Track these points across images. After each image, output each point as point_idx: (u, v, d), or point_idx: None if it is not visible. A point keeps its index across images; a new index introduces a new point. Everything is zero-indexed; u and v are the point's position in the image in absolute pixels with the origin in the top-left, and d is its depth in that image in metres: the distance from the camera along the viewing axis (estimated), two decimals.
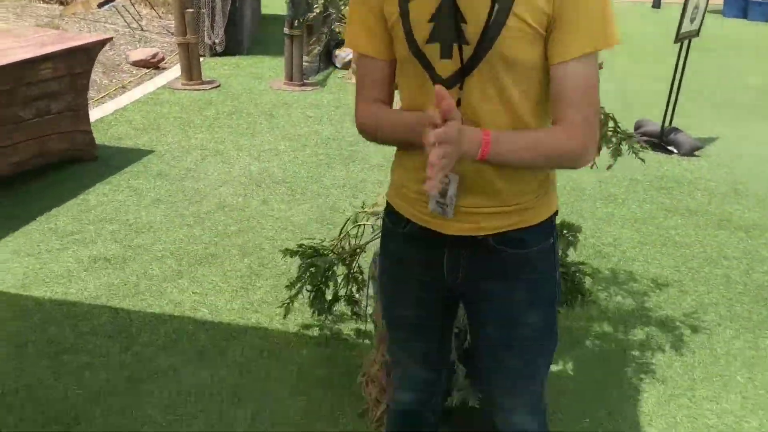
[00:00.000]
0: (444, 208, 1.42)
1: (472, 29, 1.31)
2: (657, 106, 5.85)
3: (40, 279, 3.27)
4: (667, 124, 5.72)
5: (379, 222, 2.62)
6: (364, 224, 2.67)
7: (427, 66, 1.37)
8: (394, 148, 1.57)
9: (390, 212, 1.60)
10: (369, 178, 4.71)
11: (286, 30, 6.82)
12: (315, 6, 4.41)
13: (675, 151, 5.54)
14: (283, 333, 2.96)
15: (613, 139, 2.51)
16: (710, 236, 4.10)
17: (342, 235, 2.72)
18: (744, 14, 13.78)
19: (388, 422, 1.97)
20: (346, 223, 2.74)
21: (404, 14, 1.36)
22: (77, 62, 4.43)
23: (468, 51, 1.33)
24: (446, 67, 1.35)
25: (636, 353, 2.94)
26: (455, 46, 1.33)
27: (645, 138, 5.60)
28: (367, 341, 2.90)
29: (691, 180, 5.01)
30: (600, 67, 1.38)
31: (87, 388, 2.57)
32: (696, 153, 5.56)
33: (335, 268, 2.67)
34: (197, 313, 3.07)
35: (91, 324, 2.95)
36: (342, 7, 7.53)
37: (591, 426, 2.52)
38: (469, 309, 1.63)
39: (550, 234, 1.53)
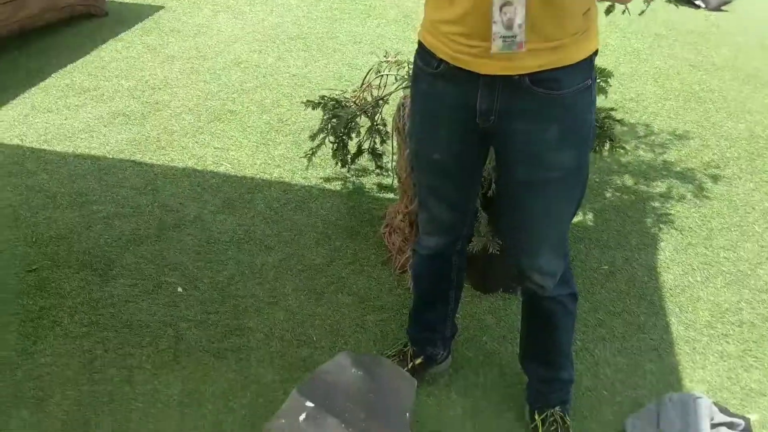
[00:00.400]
0: (512, 41, 1.34)
1: None
2: None
3: (62, 134, 3.28)
4: None
5: (403, 72, 2.58)
6: (387, 74, 2.63)
7: None
8: (411, 6, 1.51)
9: (422, 52, 1.56)
10: (386, 33, 4.58)
11: None
12: None
13: (702, 5, 5.34)
14: (306, 186, 2.99)
15: None
16: (735, 91, 4.03)
17: (364, 87, 2.68)
18: None
19: (414, 266, 2.02)
20: (368, 73, 2.70)
21: None
22: None
23: None
24: None
25: (656, 204, 2.97)
26: None
27: None
28: (389, 194, 2.93)
29: (718, 35, 4.86)
30: None
31: (117, 236, 2.64)
32: (724, 7, 5.35)
33: (358, 119, 2.65)
34: (220, 167, 3.09)
35: (117, 177, 2.99)
36: None
37: (608, 272, 2.58)
38: (500, 151, 1.62)
39: (588, 74, 1.49)
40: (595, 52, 1.50)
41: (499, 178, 1.71)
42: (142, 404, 1.97)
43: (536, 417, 1.89)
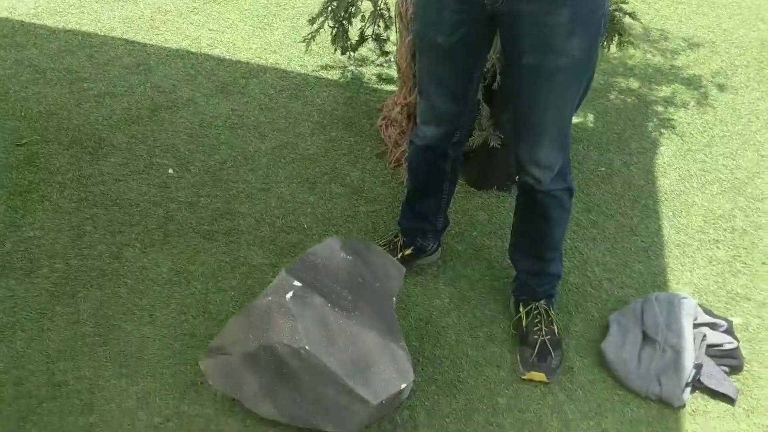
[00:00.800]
0: None
1: None
2: None
3: (52, 8, 3.17)
4: None
5: None
6: None
7: None
8: None
9: None
10: None
11: None
12: None
13: None
14: (303, 74, 2.92)
15: None
16: None
17: None
18: None
19: (410, 157, 1.98)
20: None
21: None
22: None
23: None
24: None
25: (659, 108, 2.91)
26: None
27: None
28: (389, 86, 2.87)
29: None
30: None
31: (108, 115, 2.59)
32: None
33: (360, 3, 2.55)
34: (215, 50, 3.01)
35: (108, 55, 2.91)
36: None
37: (605, 174, 2.56)
38: (507, 35, 1.56)
39: None
40: None
41: (505, 65, 1.66)
42: (131, 280, 1.98)
43: (521, 309, 1.90)
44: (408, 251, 2.03)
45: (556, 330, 1.86)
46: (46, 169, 2.32)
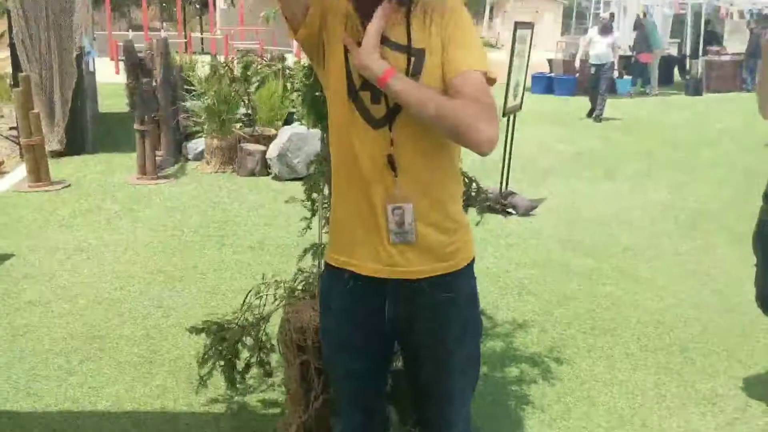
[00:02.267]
0: (405, 236, 1.65)
1: None
2: (492, 173, 6.50)
3: None
4: (504, 188, 6.39)
5: (281, 291, 2.84)
6: (266, 294, 2.86)
7: (361, 107, 1.63)
8: (263, 233, 1.79)
9: (331, 272, 1.79)
10: (243, 259, 4.86)
11: (136, 126, 6.89)
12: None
13: (514, 212, 6.18)
14: (190, 413, 3.03)
15: (478, 199, 2.91)
16: (557, 282, 4.64)
17: (245, 308, 2.89)
18: (550, 90, 15.48)
19: None
20: (248, 294, 2.91)
21: (346, 59, 1.63)
22: None
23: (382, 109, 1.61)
24: (377, 110, 1.62)
25: (515, 388, 3.30)
26: (382, 95, 1.60)
27: (487, 203, 6.21)
28: (275, 409, 3.04)
29: (531, 236, 5.62)
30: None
31: None
32: (532, 212, 6.23)
33: (244, 339, 2.82)
34: (98, 406, 3.07)
35: None
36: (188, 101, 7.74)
37: None
38: (407, 351, 1.85)
39: (472, 276, 1.80)
40: (473, 259, 1.80)
41: (409, 374, 1.90)
42: None
43: None
44: None
45: None
46: None
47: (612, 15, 14.04)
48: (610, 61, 11.83)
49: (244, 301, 2.91)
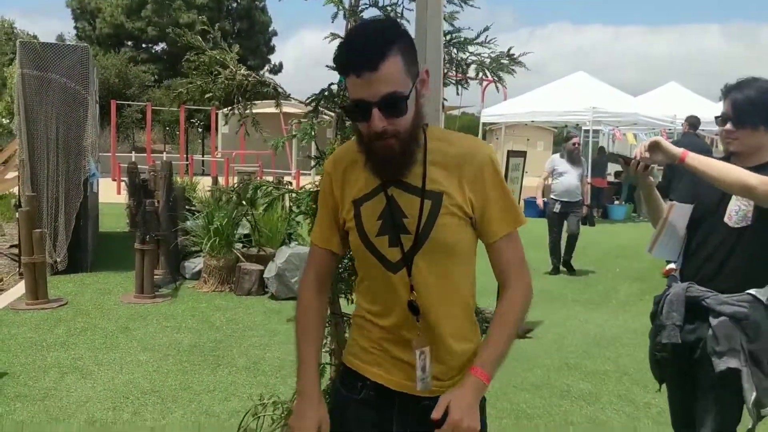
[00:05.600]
0: (425, 382, 1.74)
1: (411, 222, 1.70)
2: (488, 296, 6.55)
3: None
4: None
5: (279, 412, 2.83)
6: (265, 415, 2.84)
7: (377, 254, 1.73)
8: (258, 353, 1.85)
9: (346, 376, 1.85)
10: (238, 380, 4.82)
11: (137, 245, 6.99)
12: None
13: None
14: None
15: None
16: (555, 406, 4.60)
17: (243, 429, 2.87)
18: (542, 214, 15.76)
19: None
20: (245, 416, 2.90)
21: (357, 216, 1.75)
22: None
23: (410, 240, 1.71)
24: (394, 254, 1.72)
25: None
26: (401, 236, 1.71)
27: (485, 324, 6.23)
28: None
29: (529, 358, 5.60)
30: None
31: None
32: (528, 335, 6.23)
33: None
34: None
35: None
36: (189, 221, 7.89)
37: None
38: None
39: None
40: None
41: None
42: None
43: None
44: None
45: None
46: None
47: (577, 143, 10.03)
48: (580, 197, 9.44)
49: (241, 423, 2.90)
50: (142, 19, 35.87)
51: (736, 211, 2.67)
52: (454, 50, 2.75)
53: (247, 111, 2.71)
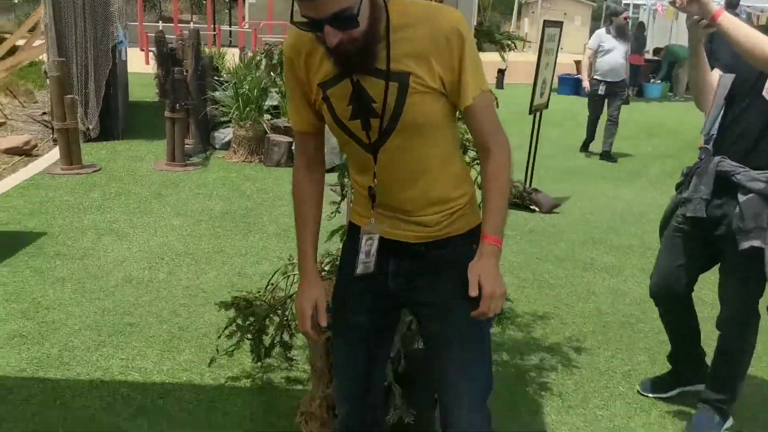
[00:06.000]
0: (368, 265, 1.82)
1: (380, 106, 1.68)
2: (517, 171, 6.55)
3: None
4: (527, 186, 6.43)
5: None
6: (292, 274, 2.93)
7: (352, 136, 1.76)
8: (288, 222, 1.90)
9: (350, 231, 1.95)
10: (269, 246, 4.95)
11: (167, 113, 7.02)
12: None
13: (537, 209, 6.21)
14: (217, 387, 3.12)
15: None
16: (578, 278, 4.68)
17: (272, 287, 2.97)
18: (576, 92, 15.44)
19: None
20: (275, 274, 2.99)
21: (326, 100, 1.74)
22: None
23: (381, 122, 1.70)
24: (367, 136, 1.73)
25: (533, 374, 3.35)
26: (371, 120, 1.71)
27: (512, 198, 6.25)
28: (298, 386, 3.12)
29: (554, 232, 5.66)
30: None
31: None
32: (555, 210, 6.26)
33: (272, 316, 2.90)
34: (128, 377, 3.17)
35: (22, 395, 2.98)
36: (217, 91, 7.86)
37: None
38: (414, 311, 1.95)
39: (473, 241, 1.80)
40: (477, 226, 1.82)
41: (422, 338, 1.99)
42: None
43: None
44: None
45: None
46: None
47: (627, 17, 9.45)
48: (624, 77, 8.77)
49: (270, 279, 3.00)
50: None
51: None
52: None
53: None
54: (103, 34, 7.91)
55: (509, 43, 3.02)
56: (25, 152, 7.43)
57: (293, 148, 7.28)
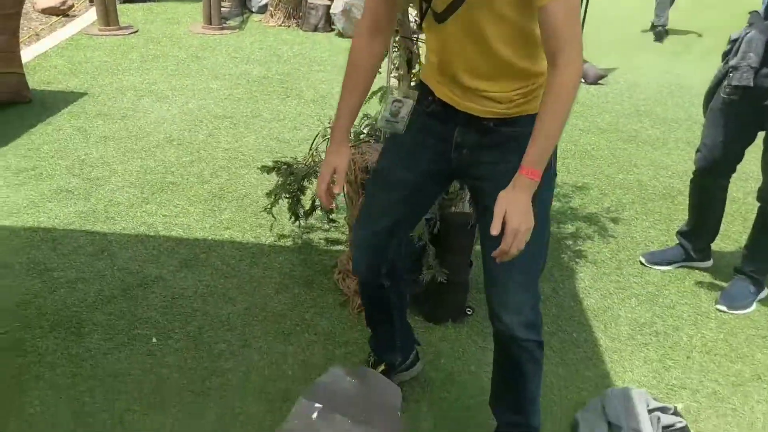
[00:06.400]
0: (395, 125, 1.79)
1: None
2: None
3: (7, 211, 3.35)
4: None
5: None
6: None
7: (426, 3, 1.68)
8: (326, 87, 1.84)
9: (420, 90, 1.87)
10: (306, 111, 4.92)
11: None
12: None
13: (582, 80, 6.02)
14: (258, 244, 3.19)
15: None
16: (621, 149, 4.60)
17: (312, 150, 2.96)
18: None
19: (360, 292, 2.22)
20: (316, 137, 2.98)
21: None
22: (7, 2, 4.39)
23: None
24: (439, 4, 1.66)
25: (570, 242, 3.36)
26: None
27: None
28: (337, 246, 3.18)
29: (599, 104, 5.51)
30: None
31: (83, 298, 2.74)
32: (601, 81, 6.07)
33: (310, 179, 2.92)
34: (171, 232, 3.25)
35: (71, 246, 3.09)
36: None
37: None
38: (471, 185, 1.92)
39: None
40: None
41: (477, 213, 1.97)
42: None
43: None
44: (381, 367, 2.21)
45: None
46: (34, 351, 2.43)
47: None
48: None
49: (313, 142, 2.99)
50: None
51: None
52: None
53: None
54: None
55: None
56: (62, 12, 7.33)
57: (331, 11, 7.09)
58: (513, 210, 1.57)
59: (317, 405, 1.74)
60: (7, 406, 2.19)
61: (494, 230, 1.56)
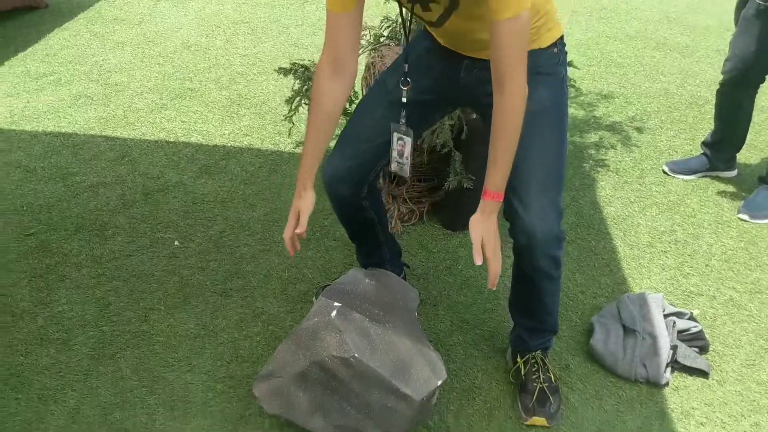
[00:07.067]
0: (402, 167, 1.76)
1: None
2: None
3: (28, 116, 3.36)
4: None
5: (367, 37, 2.83)
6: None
7: (415, 15, 1.68)
8: None
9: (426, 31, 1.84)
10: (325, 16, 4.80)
11: None
12: None
13: None
14: (277, 152, 3.19)
15: None
16: (648, 57, 4.47)
17: None
18: None
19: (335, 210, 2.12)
20: None
21: None
22: None
23: (439, 8, 1.60)
24: (429, 16, 1.65)
25: (592, 152, 3.32)
26: (431, 4, 1.60)
27: None
28: None
29: (627, 10, 5.32)
30: None
31: (106, 202, 2.78)
32: None
33: None
34: (191, 138, 3.25)
35: (92, 151, 3.11)
36: None
37: None
38: (481, 110, 1.86)
39: (559, 52, 1.76)
40: (561, 38, 1.74)
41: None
42: (163, 338, 2.15)
43: (518, 359, 2.04)
44: None
45: (552, 377, 2.00)
46: (59, 252, 2.48)
47: None
48: None
49: None
50: None
51: None
52: None
53: None
54: None
55: None
56: None
57: None
58: (488, 236, 1.66)
59: (336, 303, 1.76)
60: (35, 303, 2.25)
61: (478, 260, 1.66)
